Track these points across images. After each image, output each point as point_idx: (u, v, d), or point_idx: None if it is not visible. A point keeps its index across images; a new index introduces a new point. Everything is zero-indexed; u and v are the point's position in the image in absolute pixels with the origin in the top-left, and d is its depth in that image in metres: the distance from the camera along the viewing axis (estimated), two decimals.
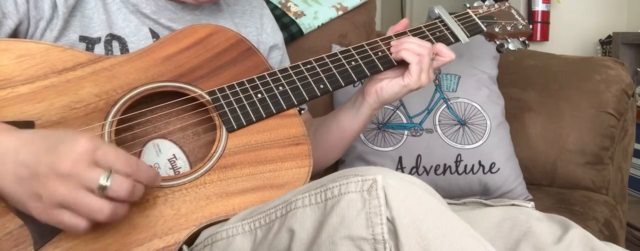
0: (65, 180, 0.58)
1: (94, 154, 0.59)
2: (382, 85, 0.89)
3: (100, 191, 0.59)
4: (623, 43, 2.23)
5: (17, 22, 0.77)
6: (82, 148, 0.59)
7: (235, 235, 0.71)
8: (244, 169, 0.78)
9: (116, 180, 0.59)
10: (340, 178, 0.63)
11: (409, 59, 0.86)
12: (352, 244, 0.59)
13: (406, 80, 0.87)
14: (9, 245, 0.65)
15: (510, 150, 1.23)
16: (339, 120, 0.95)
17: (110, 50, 0.83)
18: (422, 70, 0.86)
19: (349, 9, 1.47)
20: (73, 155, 0.58)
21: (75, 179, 0.58)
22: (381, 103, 0.91)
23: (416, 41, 0.88)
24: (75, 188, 0.58)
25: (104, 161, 0.60)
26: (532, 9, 2.33)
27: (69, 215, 0.59)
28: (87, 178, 0.58)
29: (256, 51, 0.87)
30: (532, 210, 0.83)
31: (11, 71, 0.71)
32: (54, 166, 0.58)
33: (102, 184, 0.59)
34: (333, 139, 0.97)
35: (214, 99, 0.80)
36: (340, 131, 0.95)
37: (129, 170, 0.61)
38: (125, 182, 0.60)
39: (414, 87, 0.87)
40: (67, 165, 0.58)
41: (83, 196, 0.59)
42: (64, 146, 0.59)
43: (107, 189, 0.59)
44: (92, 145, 0.60)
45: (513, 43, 1.03)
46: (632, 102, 1.32)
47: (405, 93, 0.89)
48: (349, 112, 0.94)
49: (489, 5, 1.05)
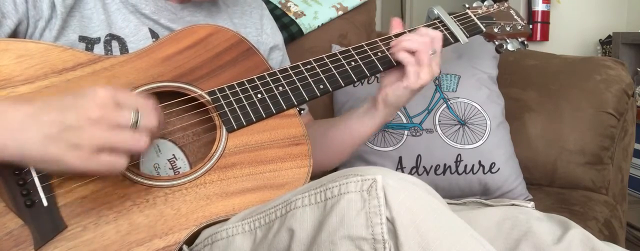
0: (99, 124, 0.62)
1: (115, 97, 0.63)
2: (386, 92, 0.89)
3: (133, 126, 0.63)
4: (623, 43, 2.23)
5: (16, 22, 0.77)
6: (103, 94, 0.63)
7: (235, 235, 0.72)
8: (244, 169, 0.78)
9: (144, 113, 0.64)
10: (340, 178, 0.63)
11: (404, 60, 0.86)
12: (352, 244, 0.59)
13: (405, 82, 0.86)
14: (9, 245, 0.65)
15: (510, 150, 1.23)
16: (351, 126, 0.95)
17: (109, 50, 0.83)
18: (421, 68, 0.86)
19: (349, 9, 1.47)
20: (98, 102, 0.62)
21: (108, 121, 0.62)
22: (392, 109, 0.91)
23: (412, 37, 0.87)
24: (111, 129, 0.62)
25: (127, 101, 0.64)
26: (532, 9, 2.32)
27: (107, 156, 0.63)
28: (119, 117, 0.63)
29: (256, 51, 0.87)
30: (532, 210, 0.83)
31: (11, 71, 0.71)
32: (84, 115, 0.61)
33: (134, 119, 0.63)
34: (343, 143, 0.97)
35: (214, 99, 0.80)
36: (352, 136, 0.95)
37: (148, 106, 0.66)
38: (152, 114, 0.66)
39: (416, 87, 0.86)
40: (96, 111, 0.62)
41: (119, 133, 0.63)
42: (86, 97, 0.63)
43: (139, 122, 0.64)
44: (111, 91, 0.64)
45: (512, 43, 1.03)
46: (632, 102, 1.32)
47: (410, 95, 0.88)
48: (361, 118, 0.93)
49: (488, 5, 1.05)
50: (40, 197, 0.67)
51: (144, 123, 0.64)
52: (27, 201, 0.66)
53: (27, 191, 0.67)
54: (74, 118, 0.61)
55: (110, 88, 0.64)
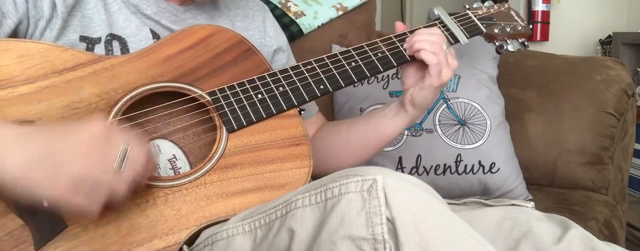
0: (83, 159, 0.60)
1: (108, 133, 0.62)
2: (412, 93, 0.88)
3: (118, 167, 0.62)
4: (623, 43, 2.23)
5: (16, 21, 0.77)
6: (97, 129, 0.62)
7: (235, 235, 0.72)
8: (244, 169, 0.78)
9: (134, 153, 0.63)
10: (340, 178, 0.63)
11: (427, 59, 0.85)
12: (352, 244, 0.60)
13: (428, 81, 0.86)
14: (9, 245, 0.65)
15: (510, 150, 1.23)
16: (380, 126, 0.94)
17: (110, 50, 0.83)
18: (442, 68, 0.85)
19: (349, 9, 1.47)
20: (90, 137, 0.61)
21: (94, 158, 0.61)
22: (420, 110, 0.90)
23: (428, 38, 0.86)
24: (94, 167, 0.61)
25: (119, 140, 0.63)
26: (532, 9, 2.32)
27: (82, 197, 0.61)
28: (107, 156, 0.61)
29: (256, 51, 0.87)
30: (532, 210, 0.83)
31: (12, 71, 0.72)
32: (72, 147, 0.60)
33: (119, 162, 0.62)
34: (370, 142, 0.96)
35: (214, 100, 0.80)
36: (379, 137, 0.95)
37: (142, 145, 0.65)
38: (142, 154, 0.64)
39: (439, 84, 0.86)
40: (85, 145, 0.60)
41: (101, 174, 0.61)
42: (79, 128, 0.62)
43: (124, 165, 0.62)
44: (105, 128, 0.63)
45: (512, 44, 1.03)
46: (632, 102, 1.32)
47: (435, 93, 0.88)
48: (392, 120, 0.93)
49: (489, 6, 1.05)
50: None
51: (129, 166, 0.63)
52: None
53: None
54: (61, 148, 0.60)
55: (106, 124, 0.63)
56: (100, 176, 0.61)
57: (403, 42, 0.90)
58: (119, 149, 0.63)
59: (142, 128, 0.80)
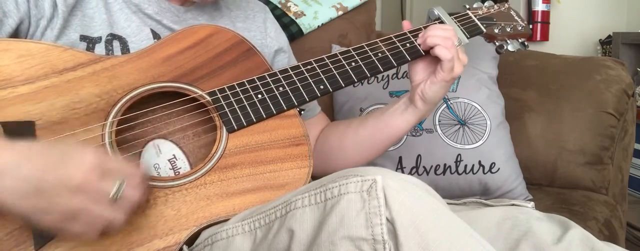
0: (78, 193, 0.60)
1: (103, 166, 0.61)
2: (422, 88, 0.89)
3: (113, 198, 0.61)
4: (623, 43, 2.23)
5: (17, 21, 0.77)
6: (90, 162, 0.60)
7: (235, 235, 0.72)
8: (244, 170, 0.78)
9: (129, 189, 0.62)
10: (339, 179, 0.63)
11: (443, 55, 0.85)
12: (352, 244, 0.60)
13: (439, 77, 0.86)
14: (9, 245, 0.65)
15: (510, 150, 1.23)
16: (390, 123, 0.94)
17: (110, 49, 0.83)
18: (454, 63, 0.86)
19: (349, 9, 1.47)
20: (83, 169, 0.60)
21: (88, 191, 0.60)
22: (431, 104, 0.91)
23: (442, 34, 0.87)
24: (89, 201, 0.60)
25: (113, 170, 0.62)
26: (532, 9, 2.32)
27: (79, 225, 0.61)
28: (100, 190, 0.60)
29: (256, 52, 0.87)
30: (532, 210, 0.83)
31: (12, 71, 0.72)
32: (64, 181, 0.59)
33: (115, 192, 0.61)
34: (381, 140, 0.96)
35: (214, 100, 0.80)
36: (390, 133, 0.95)
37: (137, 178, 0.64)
38: (136, 190, 0.64)
39: (450, 79, 0.86)
40: (78, 179, 0.59)
41: (96, 207, 0.60)
42: (72, 160, 0.60)
43: (120, 194, 0.61)
44: (100, 158, 0.61)
45: (512, 44, 1.03)
46: (632, 102, 1.32)
47: (445, 88, 0.88)
48: (402, 116, 0.93)
49: (489, 6, 1.05)
50: None
51: (126, 196, 0.62)
52: None
53: None
54: (53, 183, 0.59)
55: (99, 154, 0.62)
56: (95, 209, 0.61)
57: (403, 42, 0.90)
58: (113, 183, 0.62)
59: (143, 128, 0.81)
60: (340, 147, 0.98)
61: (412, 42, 0.90)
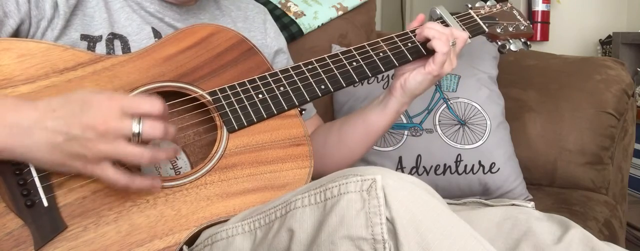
0: (103, 137, 0.63)
1: (120, 107, 0.64)
2: (405, 77, 0.89)
3: (135, 138, 0.63)
4: (623, 43, 2.23)
5: (18, 21, 0.77)
6: (107, 105, 0.64)
7: (235, 235, 0.72)
8: (244, 170, 0.78)
9: (146, 123, 0.64)
10: (339, 178, 0.63)
11: (439, 47, 0.85)
12: (352, 244, 0.60)
13: (428, 68, 0.86)
14: (9, 245, 0.65)
15: (510, 150, 1.23)
16: (366, 117, 0.94)
17: (111, 48, 0.83)
18: (446, 59, 0.86)
19: (349, 9, 1.47)
20: (102, 113, 0.63)
21: (112, 133, 0.63)
22: (409, 96, 0.90)
23: (439, 28, 0.88)
24: (115, 141, 0.63)
25: (131, 110, 0.64)
26: (532, 9, 2.32)
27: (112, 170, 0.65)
28: (122, 129, 0.63)
29: (257, 51, 0.87)
30: (532, 210, 0.83)
31: (12, 70, 0.72)
32: (88, 127, 0.63)
33: (135, 131, 0.63)
34: (359, 136, 0.95)
35: (215, 99, 0.80)
36: (367, 128, 0.94)
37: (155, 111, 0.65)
38: (156, 123, 0.65)
39: (436, 74, 0.87)
40: (100, 124, 0.63)
41: (124, 147, 0.64)
42: (92, 107, 0.64)
43: (141, 134, 0.64)
44: (115, 100, 0.64)
45: (515, 44, 1.02)
46: (632, 102, 1.32)
47: (429, 82, 0.88)
48: (376, 108, 0.93)
49: (491, 5, 1.05)
50: (40, 197, 0.67)
51: (147, 132, 0.64)
52: (27, 202, 0.66)
53: (28, 191, 0.67)
54: (79, 130, 0.63)
55: (116, 96, 0.65)
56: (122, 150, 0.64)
57: (405, 42, 0.90)
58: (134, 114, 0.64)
59: None
60: (325, 148, 0.97)
61: (413, 41, 0.90)
